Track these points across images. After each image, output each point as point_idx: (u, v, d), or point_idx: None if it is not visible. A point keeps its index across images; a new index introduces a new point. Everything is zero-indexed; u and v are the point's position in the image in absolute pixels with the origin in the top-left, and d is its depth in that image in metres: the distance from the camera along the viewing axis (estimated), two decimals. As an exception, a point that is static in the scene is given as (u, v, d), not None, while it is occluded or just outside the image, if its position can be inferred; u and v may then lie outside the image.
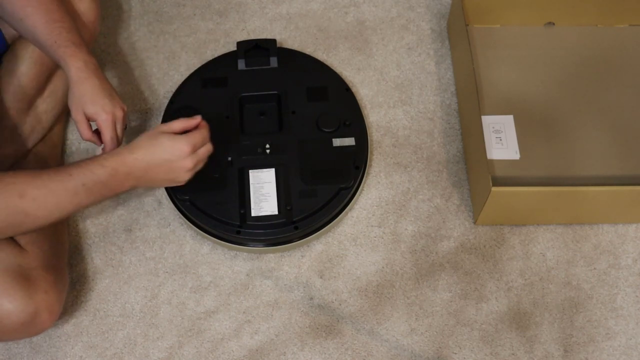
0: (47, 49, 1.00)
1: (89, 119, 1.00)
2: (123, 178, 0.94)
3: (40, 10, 1.00)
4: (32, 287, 0.94)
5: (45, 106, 1.15)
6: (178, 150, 0.97)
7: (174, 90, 1.25)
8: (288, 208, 1.11)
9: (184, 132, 0.99)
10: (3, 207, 0.86)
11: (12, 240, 0.98)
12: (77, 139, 1.24)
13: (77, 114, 0.99)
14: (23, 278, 0.94)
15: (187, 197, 1.11)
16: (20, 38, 1.09)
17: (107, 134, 1.00)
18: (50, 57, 1.01)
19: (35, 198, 0.87)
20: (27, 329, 0.95)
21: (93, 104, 0.99)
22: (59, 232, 1.08)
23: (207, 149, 1.01)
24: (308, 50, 1.34)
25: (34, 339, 1.06)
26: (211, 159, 1.03)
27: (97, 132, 1.02)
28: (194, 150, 0.98)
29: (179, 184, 1.01)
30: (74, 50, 1.00)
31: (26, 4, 0.99)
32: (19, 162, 1.12)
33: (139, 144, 0.96)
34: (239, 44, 1.26)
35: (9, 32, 1.09)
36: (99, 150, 1.03)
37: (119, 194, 0.97)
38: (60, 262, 1.04)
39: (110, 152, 0.95)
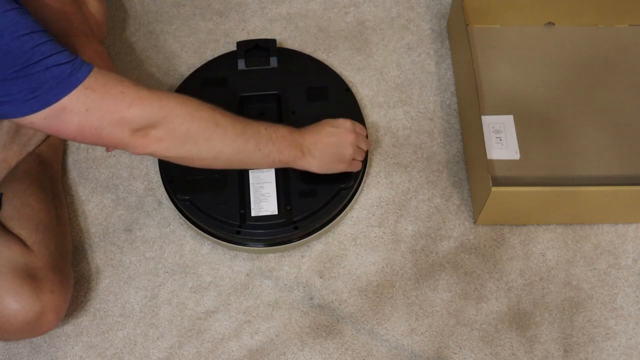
0: (58, 38, 1.01)
1: None
2: (298, 141, 1.02)
3: (54, 1, 1.02)
4: (39, 287, 0.95)
5: None
6: (341, 122, 1.07)
7: (174, 90, 1.25)
8: (288, 208, 1.11)
9: None
10: (198, 108, 0.91)
11: (19, 239, 0.98)
12: (77, 139, 1.24)
13: None
14: (30, 278, 0.95)
15: (187, 197, 1.11)
16: None
17: None
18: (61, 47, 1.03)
19: (225, 116, 0.95)
20: (32, 328, 0.96)
21: None
22: (64, 233, 1.08)
23: (367, 140, 1.11)
24: (308, 50, 1.34)
25: (34, 338, 1.06)
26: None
27: None
28: (354, 127, 1.08)
29: (344, 165, 1.07)
30: (85, 40, 1.01)
31: None
32: (20, 163, 1.12)
33: (306, 126, 1.06)
34: (239, 44, 1.26)
35: None
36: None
37: (292, 162, 1.03)
38: (66, 262, 1.05)
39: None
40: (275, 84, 1.22)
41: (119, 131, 0.85)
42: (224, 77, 1.24)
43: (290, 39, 1.36)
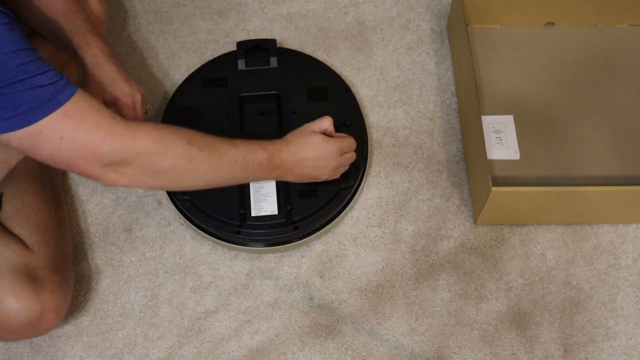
0: (63, 38, 1.01)
1: (107, 105, 1.01)
2: (276, 165, 1.00)
3: (57, 0, 1.02)
4: (39, 287, 0.95)
5: None
6: (328, 150, 1.03)
7: (174, 90, 1.25)
8: (288, 208, 1.11)
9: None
10: (173, 144, 0.89)
11: (19, 240, 0.98)
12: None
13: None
14: (30, 278, 0.95)
15: (187, 197, 1.11)
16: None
17: (129, 117, 1.01)
18: (65, 46, 1.03)
19: (201, 149, 0.92)
20: (33, 328, 0.96)
21: (112, 88, 1.01)
22: (64, 233, 1.08)
23: (351, 155, 1.08)
24: (308, 50, 1.34)
25: (34, 338, 1.06)
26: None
27: None
28: (341, 152, 1.05)
29: (318, 180, 1.07)
30: (90, 37, 1.02)
31: None
32: (20, 163, 1.12)
33: (292, 140, 1.02)
34: (239, 44, 1.26)
35: None
36: None
37: (266, 179, 1.03)
38: (66, 262, 1.05)
39: (269, 141, 1.01)
40: (275, 84, 1.22)
41: (89, 164, 0.85)
42: (224, 77, 1.24)
43: (290, 39, 1.36)
